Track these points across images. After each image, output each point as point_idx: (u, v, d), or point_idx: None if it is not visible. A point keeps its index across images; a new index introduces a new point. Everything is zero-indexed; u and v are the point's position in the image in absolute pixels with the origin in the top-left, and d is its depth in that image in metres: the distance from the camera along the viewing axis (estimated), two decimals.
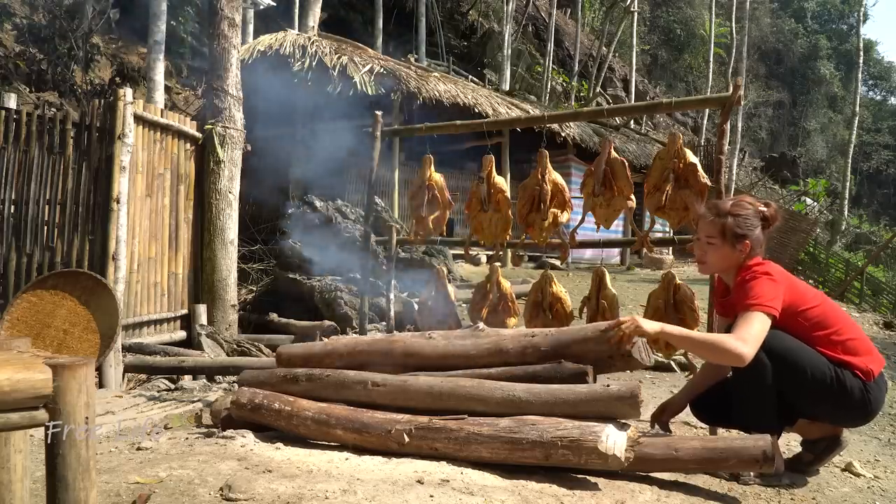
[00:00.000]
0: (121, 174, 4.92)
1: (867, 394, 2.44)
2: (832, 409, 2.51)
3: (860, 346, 2.51)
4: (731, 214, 2.64)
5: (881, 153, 39.70)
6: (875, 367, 2.48)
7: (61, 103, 10.26)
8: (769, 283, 2.47)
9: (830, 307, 2.58)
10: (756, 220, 2.62)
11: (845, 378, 2.42)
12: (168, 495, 2.02)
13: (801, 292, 2.55)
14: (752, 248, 2.61)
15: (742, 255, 2.61)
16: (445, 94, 10.75)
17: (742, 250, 2.60)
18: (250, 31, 12.62)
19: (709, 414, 2.77)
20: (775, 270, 2.54)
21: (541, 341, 2.68)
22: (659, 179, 3.27)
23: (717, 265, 2.70)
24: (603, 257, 5.28)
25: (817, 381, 2.42)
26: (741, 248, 2.60)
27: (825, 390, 2.42)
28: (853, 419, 2.58)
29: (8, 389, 1.25)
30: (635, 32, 23.81)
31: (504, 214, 3.79)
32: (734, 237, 2.61)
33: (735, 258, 2.64)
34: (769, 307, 2.40)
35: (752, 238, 2.60)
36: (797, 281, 2.64)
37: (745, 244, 2.60)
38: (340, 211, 7.51)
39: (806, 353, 2.46)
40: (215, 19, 6.11)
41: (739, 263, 2.63)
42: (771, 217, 2.64)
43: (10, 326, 3.84)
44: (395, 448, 2.50)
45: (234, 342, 5.37)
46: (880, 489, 2.68)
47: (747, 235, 2.59)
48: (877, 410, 2.52)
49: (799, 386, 2.44)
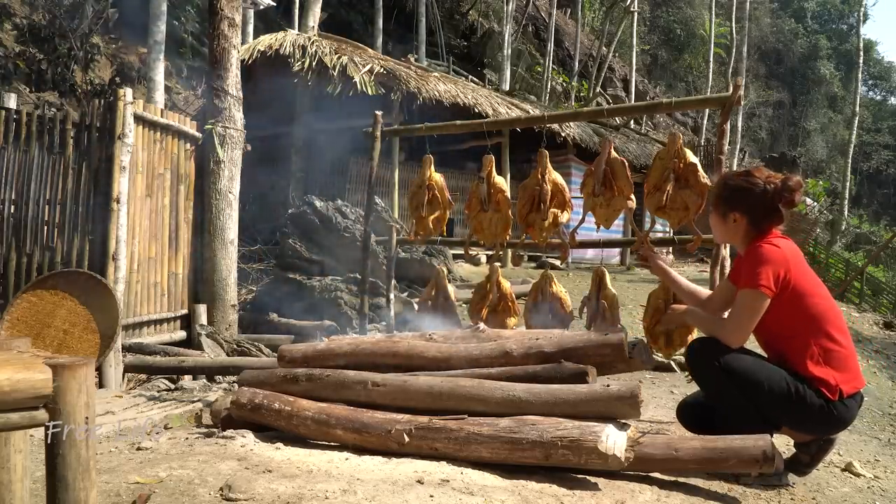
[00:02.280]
0: (121, 174, 4.92)
1: (831, 410, 2.38)
2: (796, 422, 2.49)
3: (842, 358, 2.43)
4: (725, 183, 2.60)
5: (881, 153, 39.70)
6: (847, 386, 2.40)
7: (61, 103, 10.26)
8: (764, 257, 2.40)
9: (833, 309, 2.52)
10: (755, 192, 2.50)
11: (805, 394, 2.38)
12: (168, 495, 2.02)
13: (807, 277, 2.48)
14: (750, 223, 2.52)
15: (736, 227, 2.54)
16: (445, 94, 10.74)
17: (734, 221, 2.53)
18: (250, 31, 12.62)
19: (696, 424, 2.74)
20: (783, 246, 2.46)
21: (545, 344, 2.68)
22: (659, 179, 3.27)
23: (717, 235, 2.69)
24: (603, 257, 5.28)
25: (775, 395, 2.39)
26: (732, 218, 2.54)
27: (785, 405, 2.40)
28: (821, 430, 2.52)
29: (8, 389, 1.25)
30: (635, 32, 23.81)
31: (504, 214, 3.79)
32: (723, 205, 2.57)
33: (727, 229, 2.59)
34: (760, 285, 2.37)
35: (746, 210, 2.51)
36: (806, 265, 2.55)
37: (734, 215, 2.53)
38: (340, 211, 7.51)
39: (763, 371, 2.42)
40: (215, 19, 6.10)
41: (742, 239, 2.56)
42: (775, 192, 2.48)
43: (10, 326, 3.84)
44: (395, 448, 2.50)
45: (234, 342, 5.37)
46: (880, 489, 2.68)
47: (737, 207, 2.52)
48: (847, 423, 2.47)
49: (763, 402, 2.42)
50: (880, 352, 7.65)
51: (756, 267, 2.41)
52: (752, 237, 2.54)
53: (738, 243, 2.62)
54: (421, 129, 4.33)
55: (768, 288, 2.39)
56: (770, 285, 2.38)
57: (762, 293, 2.39)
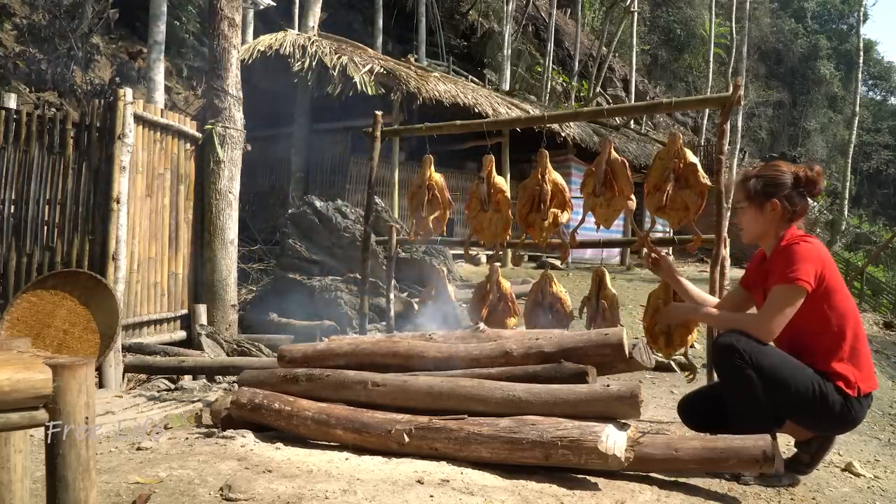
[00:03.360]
0: (121, 174, 4.92)
1: (849, 408, 2.44)
2: (813, 419, 2.53)
3: (862, 357, 2.50)
4: (756, 176, 2.65)
5: (881, 153, 39.70)
6: (865, 385, 2.47)
7: (61, 103, 10.25)
8: (804, 254, 2.44)
9: (856, 309, 2.58)
10: (786, 180, 2.57)
11: (828, 392, 2.42)
12: (168, 495, 2.02)
13: (839, 280, 2.53)
14: (786, 210, 2.57)
15: (774, 215, 2.58)
16: (445, 94, 10.74)
17: (772, 210, 2.58)
18: (250, 31, 12.61)
19: (698, 421, 2.75)
20: (816, 243, 2.51)
21: (545, 344, 2.68)
22: (659, 179, 3.27)
23: (750, 230, 2.70)
24: (603, 257, 5.28)
25: (801, 394, 2.42)
26: (770, 207, 2.58)
27: (808, 403, 2.43)
28: (833, 429, 2.59)
29: (8, 389, 1.25)
30: (635, 32, 23.80)
31: (504, 214, 3.79)
32: (760, 196, 2.60)
33: (765, 220, 2.62)
34: (802, 280, 2.40)
35: (782, 197, 2.56)
36: (837, 269, 2.59)
37: (773, 203, 2.57)
38: (340, 211, 7.51)
39: (790, 369, 2.46)
40: (215, 19, 6.10)
41: (776, 229, 2.60)
42: (806, 179, 2.56)
43: (10, 326, 3.84)
44: (395, 448, 2.50)
45: (234, 342, 5.37)
46: (880, 489, 2.68)
47: (774, 194, 2.57)
48: (857, 423, 2.53)
49: (784, 399, 2.44)
50: (880, 352, 7.65)
51: (794, 263, 2.44)
52: (783, 229, 2.59)
53: (771, 235, 2.64)
54: (421, 129, 4.33)
55: (808, 283, 2.41)
56: (810, 280, 2.41)
57: (801, 288, 2.41)
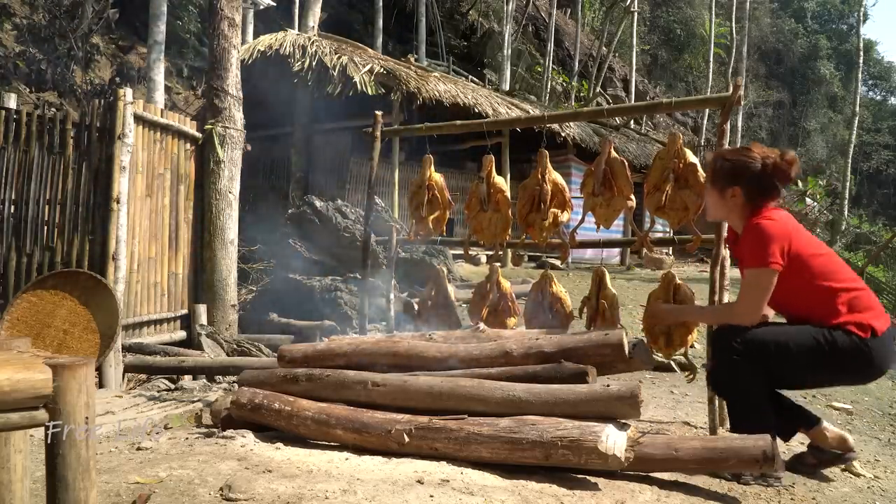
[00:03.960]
0: (121, 174, 4.92)
1: (866, 350, 2.39)
2: (830, 373, 2.49)
3: (862, 300, 2.47)
4: (721, 158, 2.61)
5: (881, 153, 39.68)
6: (878, 323, 2.42)
7: (61, 103, 10.25)
8: (767, 234, 2.43)
9: (834, 258, 2.55)
10: (753, 167, 2.52)
11: (835, 338, 2.39)
12: (168, 495, 2.02)
13: (806, 241, 2.51)
14: (750, 197, 2.53)
15: (735, 202, 2.55)
16: (445, 94, 10.74)
17: (733, 196, 2.54)
18: (250, 31, 12.61)
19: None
20: (780, 218, 2.49)
21: (545, 344, 2.69)
22: (659, 179, 3.27)
23: (711, 212, 2.70)
24: (603, 257, 5.28)
25: (804, 349, 2.40)
26: (731, 193, 2.55)
27: (816, 356, 2.41)
28: (857, 377, 2.55)
29: (8, 389, 1.25)
30: (635, 32, 23.79)
31: (504, 214, 3.78)
32: (721, 181, 2.58)
33: (726, 206, 2.60)
34: (770, 262, 2.40)
35: (745, 184, 2.52)
36: (803, 230, 2.58)
37: (734, 190, 2.54)
38: (340, 211, 7.51)
39: (784, 331, 2.47)
40: (215, 19, 6.11)
41: (739, 215, 2.58)
42: (774, 167, 2.50)
43: (10, 326, 3.84)
44: (395, 448, 2.50)
45: (234, 342, 5.37)
46: (880, 489, 2.68)
47: (736, 181, 2.54)
48: (883, 367, 2.46)
49: (789, 363, 2.43)
50: None
51: (760, 245, 2.43)
52: (747, 212, 2.57)
53: (735, 219, 2.64)
54: (421, 129, 4.33)
55: (777, 263, 2.41)
56: (778, 260, 2.41)
57: (772, 269, 2.41)
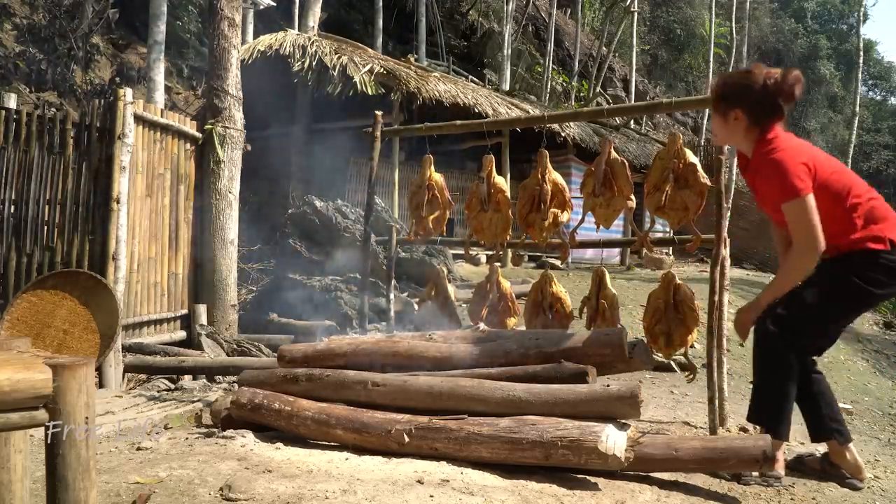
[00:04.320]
0: (121, 174, 4.92)
1: (885, 262, 2.42)
2: (857, 299, 2.52)
3: (878, 211, 2.50)
4: (724, 83, 2.60)
5: (881, 153, 39.67)
6: (894, 234, 2.46)
7: (61, 103, 10.25)
8: (788, 165, 2.42)
9: (848, 174, 2.57)
10: (754, 89, 2.49)
11: (853, 261, 2.45)
12: (168, 495, 2.02)
13: (823, 161, 2.52)
14: (753, 120, 2.51)
15: (738, 125, 2.54)
16: (445, 94, 10.73)
17: (735, 119, 2.53)
18: (250, 31, 12.60)
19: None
20: (791, 145, 2.49)
21: (545, 344, 2.69)
22: (659, 179, 3.27)
23: (718, 136, 2.69)
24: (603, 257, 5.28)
25: (823, 288, 2.48)
26: (733, 116, 2.53)
27: (834, 288, 2.47)
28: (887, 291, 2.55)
29: (8, 389, 1.25)
30: (635, 32, 23.76)
31: (504, 214, 3.79)
32: (724, 104, 2.56)
33: (730, 129, 2.58)
34: (801, 191, 2.39)
35: (747, 107, 2.50)
36: (816, 150, 2.60)
37: (735, 113, 2.52)
38: (340, 211, 7.50)
39: (795, 290, 2.51)
40: (215, 19, 6.10)
41: (744, 137, 2.57)
42: (774, 86, 2.46)
43: (10, 326, 3.84)
44: (395, 448, 2.50)
45: (234, 342, 5.37)
46: (880, 489, 2.68)
47: (737, 104, 2.51)
48: None
49: (819, 309, 2.48)
50: (880, 352, 7.64)
51: (786, 178, 2.42)
52: (754, 135, 2.55)
53: (741, 142, 2.63)
54: (421, 129, 4.33)
55: (808, 188, 2.41)
56: (808, 185, 2.41)
57: (807, 196, 2.41)
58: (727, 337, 3.32)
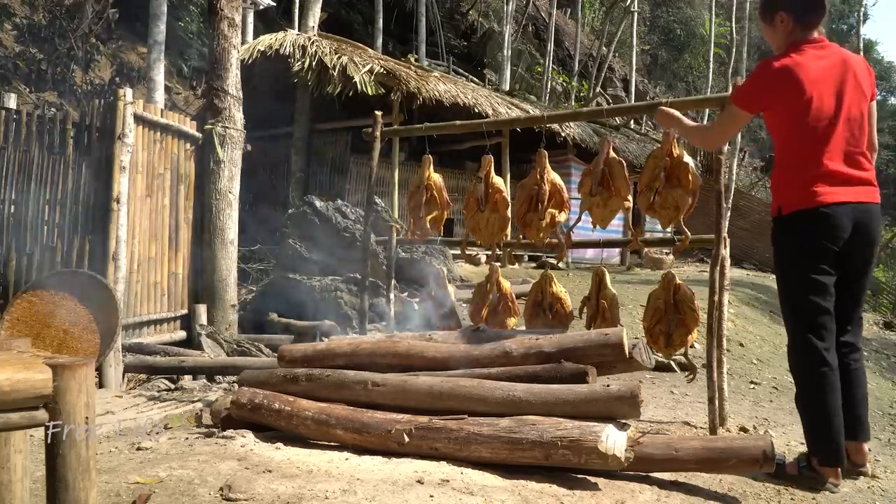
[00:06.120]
0: (121, 174, 4.92)
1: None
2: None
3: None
4: None
5: (881, 153, 39.49)
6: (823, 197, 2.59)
7: (61, 103, 10.24)
8: (758, 72, 2.64)
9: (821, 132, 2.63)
10: None
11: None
12: (168, 495, 2.02)
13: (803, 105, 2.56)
14: (796, 19, 2.64)
15: (784, 27, 2.67)
16: (445, 94, 10.73)
17: (782, 22, 2.67)
18: (250, 31, 12.60)
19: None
20: (800, 62, 2.57)
21: (545, 344, 2.69)
22: (651, 178, 3.28)
23: (773, 45, 2.79)
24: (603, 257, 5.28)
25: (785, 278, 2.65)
26: (779, 19, 2.68)
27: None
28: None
29: (8, 389, 1.25)
30: (635, 32, 23.78)
31: (502, 214, 3.79)
32: (767, 10, 2.73)
33: (778, 34, 2.71)
34: (735, 98, 2.66)
35: (788, 8, 2.64)
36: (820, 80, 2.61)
37: (780, 15, 2.67)
38: (340, 211, 7.50)
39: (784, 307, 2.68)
40: (215, 19, 6.10)
41: (791, 33, 2.67)
42: None
43: (10, 326, 3.84)
44: (395, 448, 2.50)
45: (234, 342, 5.37)
46: (880, 489, 2.68)
47: (779, 5, 2.67)
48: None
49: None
50: (880, 352, 7.65)
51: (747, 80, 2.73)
52: (798, 34, 2.68)
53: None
54: (421, 129, 4.34)
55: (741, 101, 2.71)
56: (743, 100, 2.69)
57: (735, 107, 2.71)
58: (727, 337, 3.32)
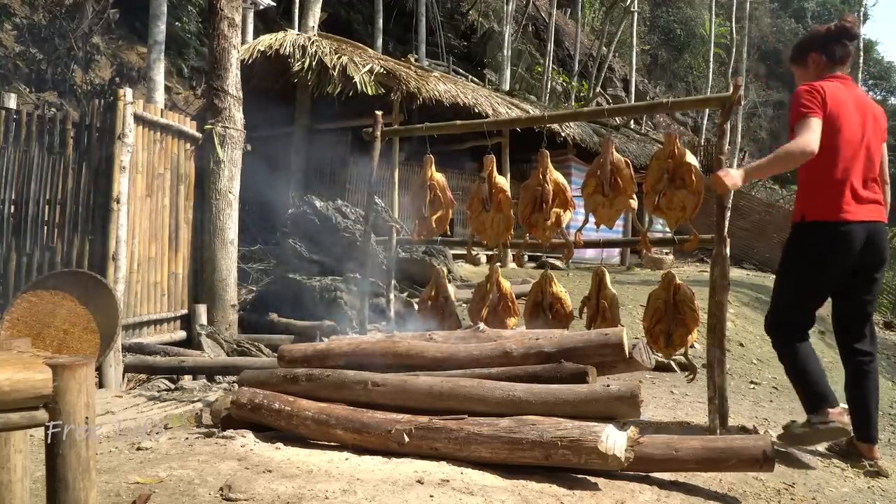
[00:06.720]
0: (121, 174, 4.92)
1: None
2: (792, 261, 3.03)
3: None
4: (794, 44, 3.13)
5: None
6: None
7: (61, 103, 10.24)
8: (801, 91, 2.82)
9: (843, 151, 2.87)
10: (819, 33, 2.99)
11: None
12: (168, 495, 2.02)
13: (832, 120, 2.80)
14: (828, 57, 2.92)
15: (816, 66, 2.95)
16: (445, 94, 10.73)
17: (814, 62, 2.96)
18: (250, 31, 12.60)
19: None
20: (823, 87, 2.81)
21: (545, 344, 2.69)
22: (656, 180, 3.27)
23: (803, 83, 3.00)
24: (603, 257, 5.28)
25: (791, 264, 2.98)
26: (811, 60, 2.97)
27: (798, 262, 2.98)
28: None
29: (8, 389, 1.25)
30: (635, 32, 23.79)
31: (506, 214, 3.78)
32: (799, 56, 3.03)
33: (810, 74, 2.99)
34: (809, 111, 2.76)
35: (819, 48, 2.94)
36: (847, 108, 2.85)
37: (812, 57, 2.97)
38: (340, 211, 7.50)
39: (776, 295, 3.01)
40: (215, 19, 6.10)
41: (823, 69, 2.97)
42: (836, 28, 2.94)
43: (10, 326, 3.84)
44: (395, 448, 2.50)
45: (234, 342, 5.37)
46: (880, 489, 2.68)
47: (810, 48, 2.98)
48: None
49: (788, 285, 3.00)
50: (880, 352, 7.64)
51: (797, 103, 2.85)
52: (828, 71, 2.96)
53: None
54: (421, 129, 4.33)
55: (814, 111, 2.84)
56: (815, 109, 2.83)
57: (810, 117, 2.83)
58: (727, 337, 3.32)
